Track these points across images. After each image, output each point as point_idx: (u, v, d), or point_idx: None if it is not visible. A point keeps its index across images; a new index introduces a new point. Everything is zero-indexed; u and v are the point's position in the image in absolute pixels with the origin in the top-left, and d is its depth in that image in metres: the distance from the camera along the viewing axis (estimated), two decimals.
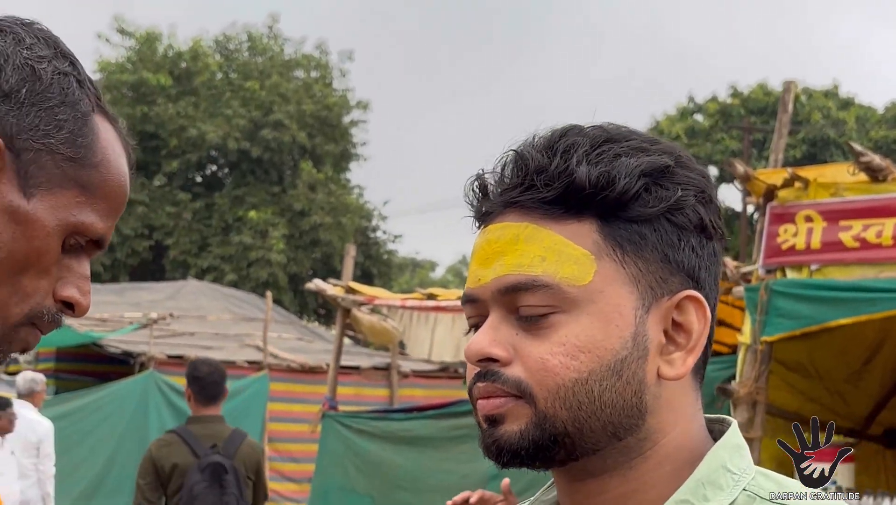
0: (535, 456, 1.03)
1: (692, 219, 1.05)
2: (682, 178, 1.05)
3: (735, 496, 1.03)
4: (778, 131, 6.87)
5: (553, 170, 1.03)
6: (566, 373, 1.01)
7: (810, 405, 6.94)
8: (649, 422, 1.04)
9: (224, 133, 26.01)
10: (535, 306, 1.02)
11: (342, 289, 9.66)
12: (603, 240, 1.03)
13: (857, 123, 31.59)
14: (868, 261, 6.02)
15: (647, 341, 1.03)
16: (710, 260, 1.07)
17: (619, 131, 1.07)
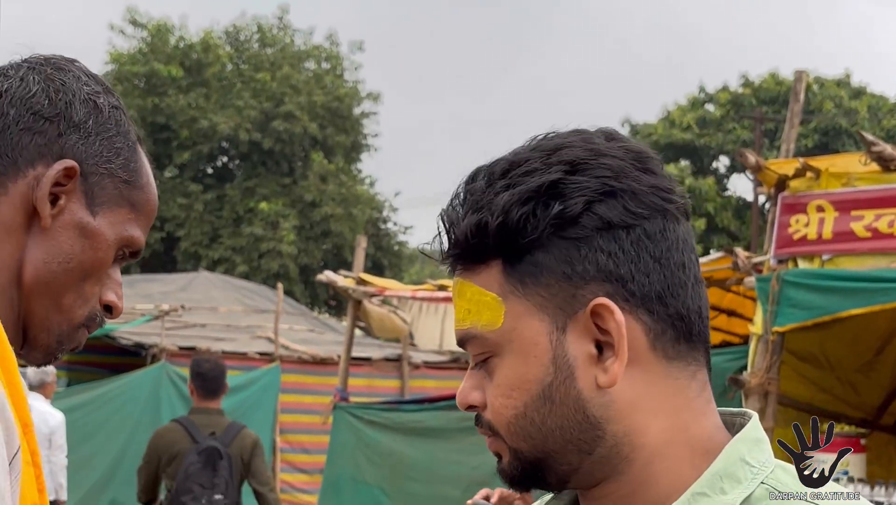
0: (532, 481, 1.09)
1: (590, 224, 1.04)
2: (570, 188, 1.04)
3: (753, 489, 1.02)
4: (790, 121, 6.84)
5: (451, 226, 1.08)
6: (507, 411, 1.06)
7: (822, 395, 6.93)
8: (612, 429, 1.04)
9: (235, 124, 26.04)
10: (476, 355, 1.09)
11: (353, 280, 9.67)
12: (505, 280, 1.05)
13: (870, 112, 31.48)
14: (880, 251, 6.00)
15: (568, 360, 1.04)
16: (635, 247, 1.04)
17: (521, 156, 1.07)
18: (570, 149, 1.06)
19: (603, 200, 1.04)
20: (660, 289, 1.05)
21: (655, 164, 1.08)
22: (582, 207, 1.03)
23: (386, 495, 9.13)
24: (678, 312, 1.05)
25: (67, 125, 1.31)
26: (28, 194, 1.28)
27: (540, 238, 1.04)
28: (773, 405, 6.22)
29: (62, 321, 1.33)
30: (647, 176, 1.06)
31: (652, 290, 1.05)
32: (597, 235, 1.04)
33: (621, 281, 1.04)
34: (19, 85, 1.31)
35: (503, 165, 1.07)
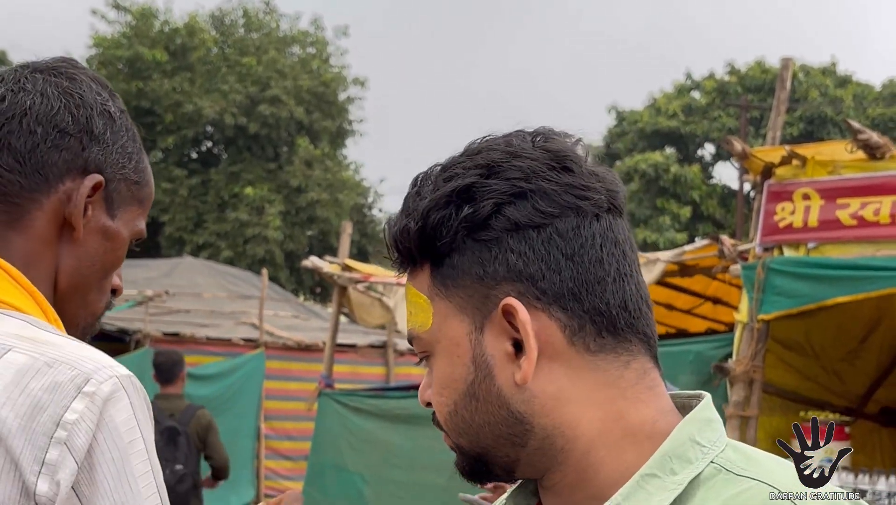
0: (482, 475, 1.13)
1: (499, 226, 1.06)
2: (480, 191, 1.06)
3: (702, 469, 1.03)
4: (776, 109, 6.83)
5: (389, 234, 1.14)
6: (443, 409, 1.12)
7: (807, 384, 6.94)
8: (540, 422, 1.07)
9: (220, 109, 25.94)
10: (419, 354, 1.14)
11: (338, 266, 9.64)
12: (432, 283, 1.10)
13: (855, 101, 31.58)
14: (865, 239, 6.00)
15: (486, 359, 1.07)
16: (547, 245, 1.06)
17: (453, 160, 1.10)
18: (488, 152, 1.09)
19: (512, 202, 1.06)
20: (572, 286, 1.06)
21: (574, 163, 1.09)
22: (490, 210, 1.06)
23: (365, 482, 9.13)
24: (595, 307, 1.07)
25: (89, 139, 1.40)
26: (60, 208, 1.37)
27: (455, 241, 1.07)
28: (757, 393, 6.22)
29: (87, 315, 1.44)
30: (563, 175, 1.08)
31: (564, 287, 1.06)
32: (506, 236, 1.06)
33: (531, 280, 1.06)
34: (41, 102, 1.38)
35: (435, 171, 1.11)
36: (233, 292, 16.20)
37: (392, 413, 8.98)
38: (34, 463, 1.13)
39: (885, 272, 5.81)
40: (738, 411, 6.14)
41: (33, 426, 1.14)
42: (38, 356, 1.19)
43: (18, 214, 1.35)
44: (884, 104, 31.38)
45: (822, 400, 6.92)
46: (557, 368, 1.06)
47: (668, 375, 4.16)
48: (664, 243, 26.26)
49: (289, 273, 25.63)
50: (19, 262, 1.34)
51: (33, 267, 1.35)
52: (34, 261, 1.36)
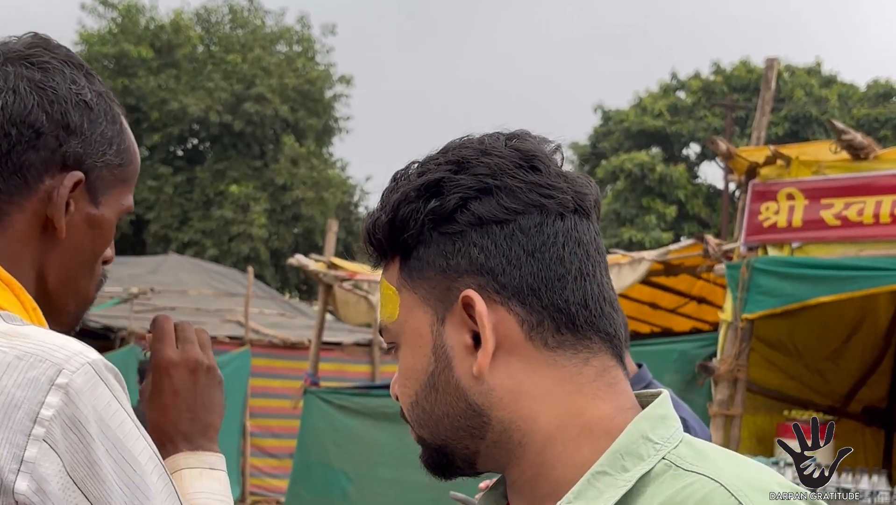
0: (444, 469, 1.14)
1: (464, 220, 1.08)
2: (449, 186, 1.08)
3: (654, 465, 1.03)
4: (760, 109, 6.86)
5: (362, 228, 1.16)
6: (405, 399, 1.13)
7: (790, 383, 6.97)
8: (498, 416, 1.08)
9: (206, 106, 25.88)
10: (388, 345, 1.17)
11: (324, 264, 9.64)
12: (400, 274, 1.12)
13: (840, 101, 31.68)
14: (849, 239, 6.04)
15: (446, 350, 1.09)
16: (508, 241, 1.07)
17: (429, 157, 1.13)
18: (460, 150, 1.11)
19: (478, 197, 1.08)
20: (532, 281, 1.08)
21: (542, 163, 1.10)
22: (455, 203, 1.08)
23: (349, 480, 9.14)
24: (555, 303, 1.08)
25: (66, 133, 1.36)
26: (41, 208, 1.35)
27: (421, 233, 1.10)
28: (741, 392, 6.25)
29: (80, 301, 1.44)
30: (529, 174, 1.09)
31: (523, 282, 1.08)
32: (470, 230, 1.08)
33: (492, 274, 1.08)
34: (14, 101, 1.34)
35: (412, 167, 1.13)
36: (218, 290, 16.18)
37: (377, 411, 8.99)
38: (13, 461, 1.11)
39: (868, 272, 5.85)
40: (723, 410, 6.17)
41: (10, 424, 1.13)
42: (7, 350, 1.17)
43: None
44: (868, 104, 31.49)
45: (806, 399, 6.95)
46: (515, 362, 1.07)
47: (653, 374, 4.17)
48: (650, 242, 26.30)
49: (274, 271, 25.60)
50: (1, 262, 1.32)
51: (15, 266, 1.32)
52: (16, 261, 1.33)
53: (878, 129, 28.97)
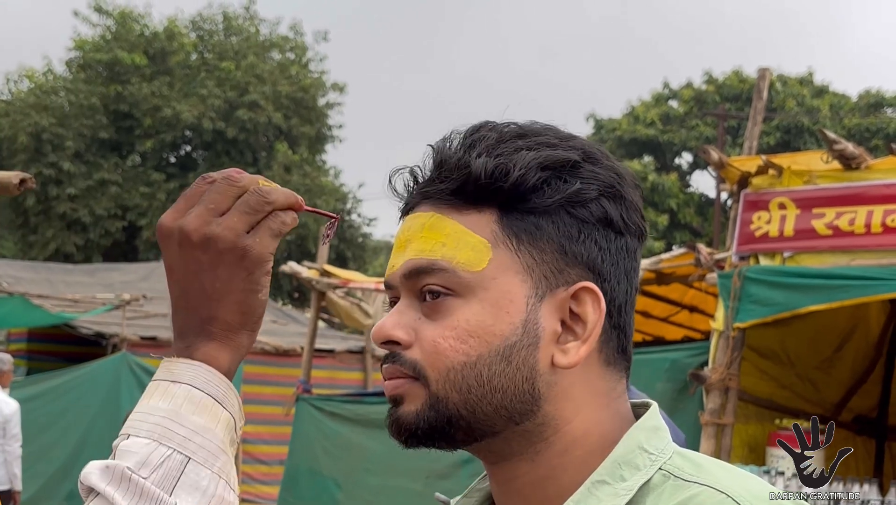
0: (432, 436, 1.07)
1: (595, 213, 1.07)
2: (586, 173, 1.07)
3: (651, 475, 1.04)
4: (752, 118, 6.89)
5: (455, 163, 1.07)
6: (455, 356, 1.04)
7: (782, 392, 6.98)
8: (546, 409, 1.06)
9: (199, 113, 25.88)
10: (430, 287, 1.06)
11: (317, 272, 9.64)
12: (500, 229, 1.06)
13: (831, 111, 31.73)
14: (840, 248, 6.06)
15: (538, 329, 1.06)
16: (618, 255, 1.09)
17: (533, 128, 1.10)
18: (580, 140, 1.11)
19: (611, 198, 1.09)
20: (621, 300, 1.10)
21: (639, 189, 1.13)
22: (595, 195, 1.08)
23: (339, 487, 9.14)
24: (624, 326, 1.11)
25: None
26: None
27: (551, 205, 1.06)
28: (733, 401, 6.26)
29: None
30: (637, 194, 1.12)
31: (617, 297, 1.09)
32: (598, 226, 1.08)
33: (601, 278, 1.08)
34: None
35: (514, 129, 1.10)
36: None
37: (368, 418, 8.99)
38: None
39: (859, 281, 5.87)
40: (714, 419, 6.18)
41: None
42: None
43: None
44: (860, 114, 31.55)
45: (797, 408, 6.96)
46: (581, 366, 1.07)
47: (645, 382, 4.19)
48: (642, 251, 26.29)
49: None
50: None
51: None
52: None
53: (870, 139, 29.04)
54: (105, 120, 25.97)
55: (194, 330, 1.07)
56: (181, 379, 1.04)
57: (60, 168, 24.89)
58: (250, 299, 1.06)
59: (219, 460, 1.03)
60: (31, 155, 24.91)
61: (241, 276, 1.05)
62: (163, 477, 1.00)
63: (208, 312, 1.06)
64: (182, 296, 1.07)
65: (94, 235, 25.16)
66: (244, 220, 1.05)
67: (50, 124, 25.07)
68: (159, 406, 1.04)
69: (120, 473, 1.00)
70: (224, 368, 1.06)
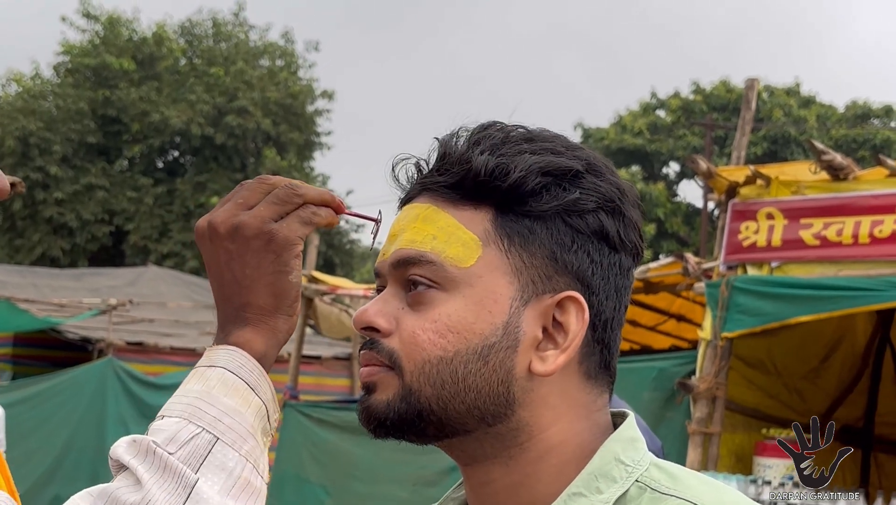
0: (402, 428, 1.07)
1: (591, 225, 1.07)
2: (587, 184, 1.07)
3: (627, 487, 1.04)
4: (741, 129, 6.91)
5: (457, 157, 1.07)
6: (432, 350, 1.04)
7: (769, 401, 7.00)
8: (521, 414, 1.06)
9: (187, 119, 25.83)
10: (415, 278, 1.06)
11: (305, 278, 9.63)
12: (493, 229, 1.06)
13: (818, 122, 31.84)
14: (828, 259, 6.07)
15: (519, 333, 1.05)
16: (610, 270, 1.08)
17: (542, 134, 1.11)
18: (587, 151, 1.11)
19: (610, 213, 1.08)
20: (608, 316, 1.09)
21: (640, 208, 1.13)
22: (593, 207, 1.07)
23: (328, 494, 9.11)
24: (609, 342, 1.10)
25: None
26: None
27: (547, 211, 1.06)
28: (720, 410, 6.27)
29: None
30: (636, 212, 1.11)
31: (603, 312, 1.09)
32: (592, 239, 1.08)
33: (590, 290, 1.08)
34: None
35: (522, 132, 1.10)
36: (198, 302, 16.11)
37: (355, 425, 8.91)
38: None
39: (847, 292, 5.89)
40: (701, 428, 6.19)
41: None
42: None
43: None
44: (847, 125, 31.67)
45: (784, 417, 6.98)
46: (559, 375, 1.06)
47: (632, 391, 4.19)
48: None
49: None
50: None
51: None
52: None
53: (856, 150, 29.14)
54: (93, 124, 25.91)
55: (230, 318, 1.10)
56: (217, 363, 1.07)
57: (47, 172, 24.81)
58: (281, 281, 1.08)
59: (247, 444, 1.04)
60: (18, 159, 24.82)
61: (269, 259, 1.07)
62: (189, 454, 1.01)
63: (241, 298, 1.09)
64: (218, 288, 1.11)
65: (80, 240, 25.08)
66: (271, 209, 1.08)
67: (37, 128, 25.00)
68: (193, 388, 1.06)
69: (146, 446, 1.02)
70: (259, 352, 1.08)
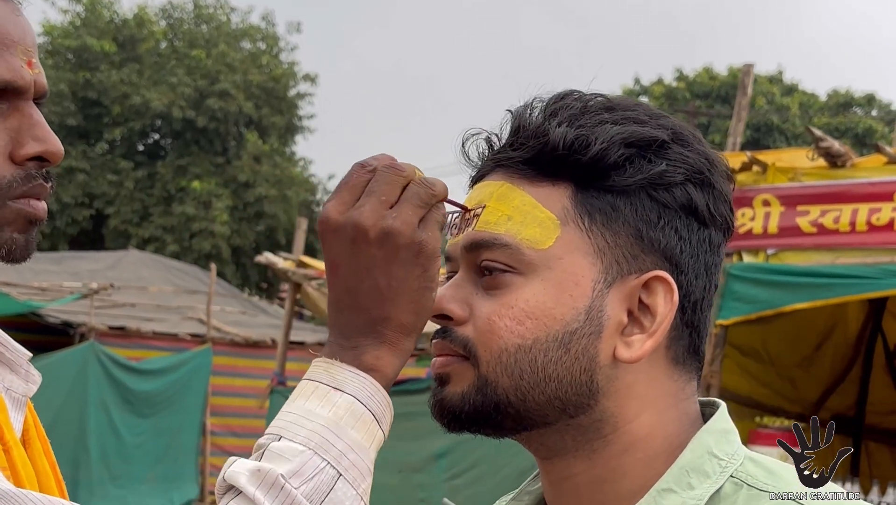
0: (477, 421, 1.01)
1: (679, 198, 0.99)
2: (674, 155, 0.99)
3: (721, 483, 0.98)
4: (737, 114, 6.86)
5: (533, 130, 1.01)
6: (510, 337, 0.98)
7: (762, 390, 6.98)
8: (605, 404, 1.00)
9: (168, 101, 25.65)
10: (492, 262, 1.00)
11: (293, 263, 9.55)
12: (573, 206, 1.00)
13: (801, 110, 31.93)
14: (825, 246, 6.03)
15: (603, 317, 0.99)
16: (699, 247, 1.01)
17: (623, 102, 1.02)
18: (673, 120, 1.03)
19: (698, 185, 1.01)
20: (697, 296, 1.02)
21: (731, 180, 1.06)
22: (681, 179, 1.00)
23: None
24: (699, 324, 1.03)
25: None
26: None
27: (631, 186, 0.99)
28: None
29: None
30: (727, 185, 1.04)
31: (692, 292, 1.01)
32: (680, 214, 1.00)
33: (678, 269, 1.00)
34: None
35: (602, 101, 1.02)
36: (179, 287, 16.01)
37: None
38: None
39: (843, 280, 5.85)
40: None
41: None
42: None
43: None
44: (829, 114, 31.77)
45: (777, 406, 6.96)
46: (646, 362, 1.00)
47: None
48: None
49: (235, 268, 25.40)
50: None
51: None
52: None
53: (839, 139, 29.19)
54: (73, 107, 25.69)
55: (363, 330, 0.99)
56: (345, 388, 0.99)
57: None
58: (425, 298, 1.00)
59: (364, 482, 0.99)
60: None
61: (417, 272, 0.99)
62: (313, 490, 0.95)
63: (381, 311, 0.99)
64: (349, 293, 1.00)
65: (60, 223, 24.89)
66: (417, 213, 0.99)
67: None
68: (319, 413, 0.98)
69: (272, 479, 0.94)
70: (390, 377, 1.00)
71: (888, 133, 28.97)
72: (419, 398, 7.55)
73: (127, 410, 12.43)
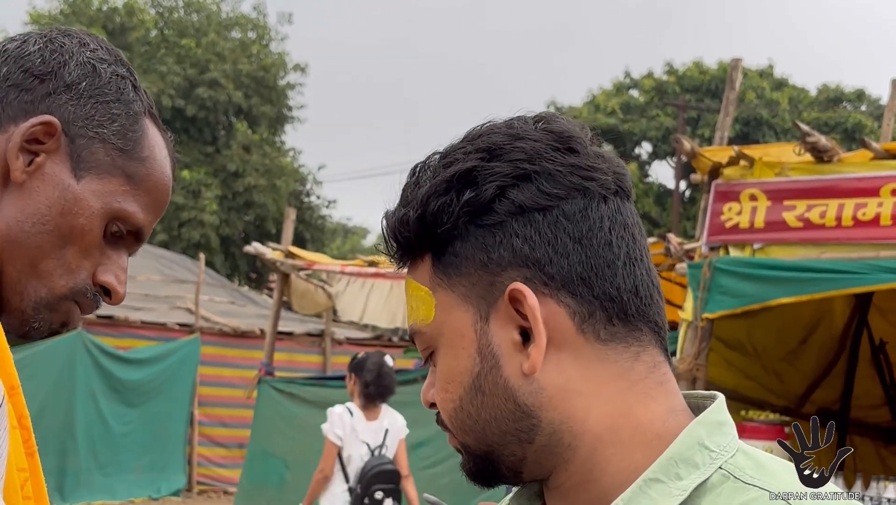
0: (487, 478, 1.07)
1: (503, 209, 1.01)
2: (484, 174, 1.02)
3: (709, 474, 0.98)
4: (724, 109, 6.88)
5: (386, 230, 1.08)
6: (447, 405, 1.06)
7: (747, 383, 7.00)
8: (548, 416, 1.01)
9: (158, 90, 25.59)
10: (422, 351, 1.09)
11: (282, 253, 9.55)
12: (433, 273, 1.05)
13: (791, 104, 31.95)
14: (811, 241, 6.06)
15: (493, 349, 1.02)
16: (554, 228, 1.01)
17: (452, 146, 1.06)
18: (489, 136, 1.05)
19: (516, 185, 1.01)
20: (581, 270, 1.01)
21: (579, 143, 1.05)
22: (493, 193, 1.01)
23: (287, 467, 9.12)
24: (606, 292, 1.01)
25: (58, 84, 1.26)
26: (4, 148, 1.24)
27: (456, 227, 1.02)
28: None
29: (39, 287, 1.25)
30: (568, 156, 1.03)
31: (572, 271, 1.01)
32: (511, 220, 1.01)
33: (538, 265, 1.01)
34: (19, 46, 1.29)
35: (433, 159, 1.06)
36: (168, 276, 16.00)
37: (328, 400, 8.92)
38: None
39: (829, 274, 5.87)
40: None
41: None
42: None
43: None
44: (819, 108, 31.80)
45: (762, 399, 6.99)
46: (566, 357, 1.00)
47: None
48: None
49: (224, 258, 25.38)
50: None
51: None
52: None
53: (828, 134, 29.22)
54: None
55: None
56: None
57: None
58: None
59: None
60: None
61: None
62: None
63: None
64: None
65: None
66: None
67: None
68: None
69: None
70: None
71: (877, 128, 29.03)
72: (407, 389, 7.58)
73: (115, 400, 12.44)
